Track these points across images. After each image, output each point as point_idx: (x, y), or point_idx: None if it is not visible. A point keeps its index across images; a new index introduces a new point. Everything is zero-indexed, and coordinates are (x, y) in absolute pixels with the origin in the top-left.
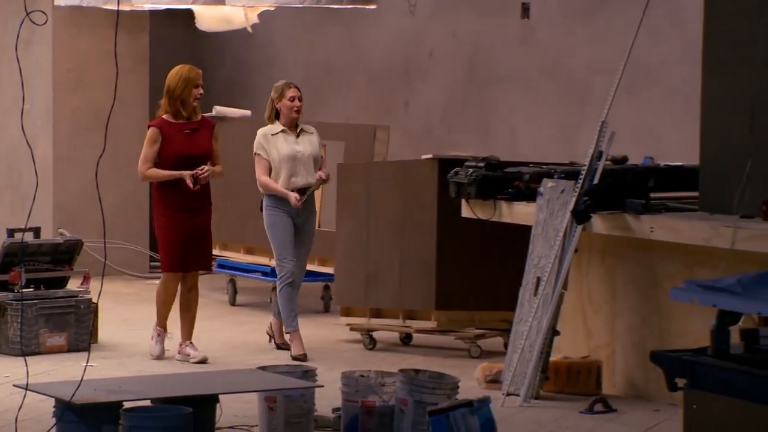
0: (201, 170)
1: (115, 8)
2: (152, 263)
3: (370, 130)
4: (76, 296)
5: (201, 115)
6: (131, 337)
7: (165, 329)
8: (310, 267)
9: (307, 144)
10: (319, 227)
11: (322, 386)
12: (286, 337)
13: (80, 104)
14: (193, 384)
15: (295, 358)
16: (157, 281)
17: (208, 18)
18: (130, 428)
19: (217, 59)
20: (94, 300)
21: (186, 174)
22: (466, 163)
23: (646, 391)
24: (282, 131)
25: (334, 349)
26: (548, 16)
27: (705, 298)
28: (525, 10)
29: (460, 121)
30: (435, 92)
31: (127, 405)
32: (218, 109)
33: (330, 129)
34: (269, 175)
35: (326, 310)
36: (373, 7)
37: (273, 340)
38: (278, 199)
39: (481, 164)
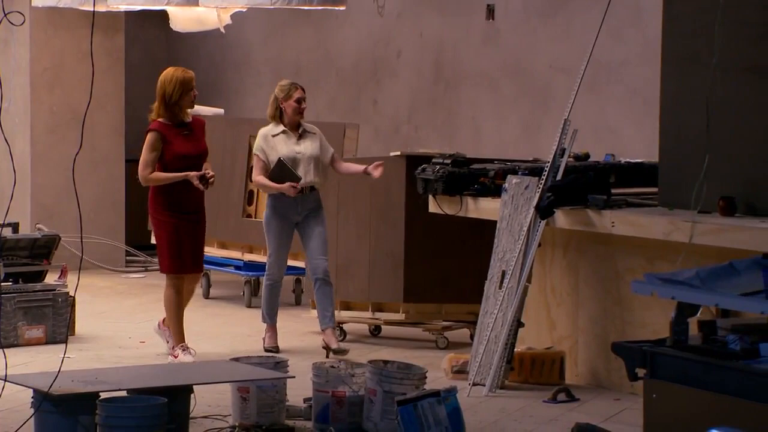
0: (207, 171)
1: (91, 9)
2: (128, 257)
3: (339, 128)
4: (54, 290)
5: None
6: (108, 329)
7: (184, 342)
8: None
9: (309, 145)
10: None
11: (294, 377)
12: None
13: (57, 102)
14: (168, 375)
15: (266, 350)
16: (134, 275)
17: (181, 19)
18: (107, 418)
19: (191, 59)
20: (71, 293)
21: (192, 175)
22: (433, 160)
23: (608, 380)
24: (283, 132)
25: (305, 341)
26: (512, 17)
27: (664, 290)
28: (489, 12)
29: (427, 119)
30: (403, 91)
31: (103, 395)
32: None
33: None
34: (265, 174)
35: (297, 303)
36: (342, 8)
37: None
38: (276, 199)
39: (448, 161)
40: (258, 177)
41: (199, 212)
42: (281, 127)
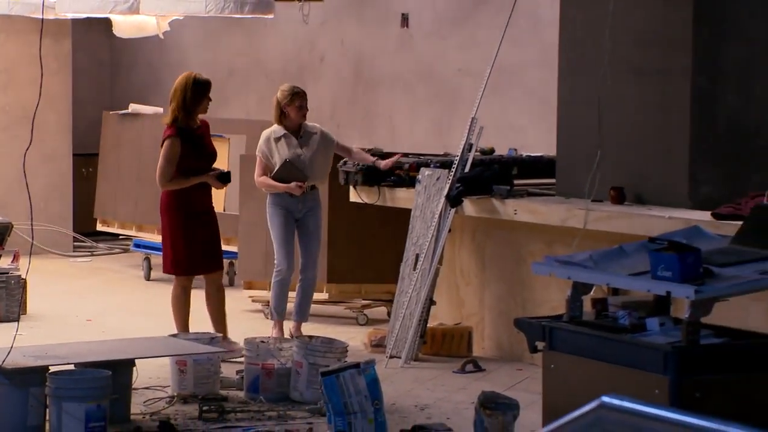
0: (223, 169)
1: (41, 16)
2: (75, 243)
3: (268, 125)
4: (7, 273)
5: None
6: (57, 309)
7: None
8: None
9: (310, 146)
10: (223, 211)
11: (226, 351)
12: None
13: (10, 102)
14: (112, 350)
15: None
16: (80, 259)
17: (124, 25)
18: (56, 389)
19: (132, 62)
20: (23, 276)
21: (211, 176)
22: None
23: (511, 353)
24: (284, 135)
25: (238, 319)
26: (424, 25)
27: (561, 271)
28: (404, 20)
29: (347, 117)
30: (325, 92)
31: (52, 369)
32: (133, 107)
33: (233, 124)
34: (266, 174)
35: (231, 284)
36: (270, 16)
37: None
38: (278, 197)
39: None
40: (261, 177)
41: (210, 212)
42: (283, 131)
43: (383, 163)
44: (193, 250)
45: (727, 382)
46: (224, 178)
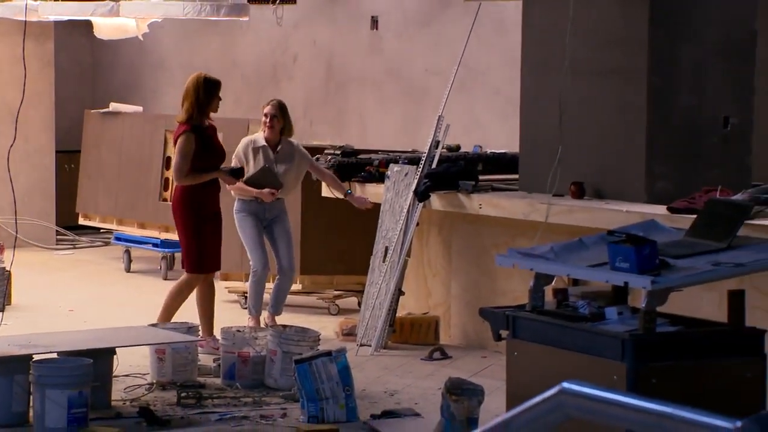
0: (233, 166)
1: (24, 19)
2: (58, 237)
3: (244, 123)
4: None
5: None
6: (40, 299)
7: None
8: None
9: (284, 162)
10: None
11: (204, 339)
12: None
13: None
14: (93, 339)
15: None
16: (63, 252)
17: (105, 27)
18: (39, 377)
19: (113, 63)
20: (8, 268)
21: (224, 171)
22: (326, 151)
23: (476, 341)
24: (262, 147)
25: (215, 309)
26: (393, 27)
27: (524, 263)
28: (374, 22)
29: (319, 115)
30: (298, 91)
31: (36, 357)
32: (114, 105)
33: None
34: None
35: None
36: (246, 19)
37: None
38: (245, 203)
39: (338, 152)
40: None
41: (218, 213)
42: (263, 142)
43: (355, 202)
44: (214, 250)
45: (682, 368)
46: (237, 174)
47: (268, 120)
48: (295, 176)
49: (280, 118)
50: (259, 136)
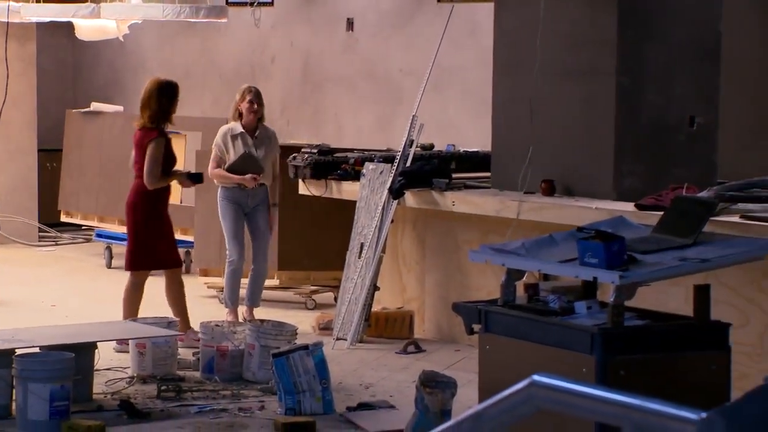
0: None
1: (6, 20)
2: (40, 233)
3: (223, 122)
4: None
5: None
6: (23, 294)
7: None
8: None
9: (263, 146)
10: (180, 203)
11: (183, 334)
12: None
13: None
14: (75, 333)
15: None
16: (45, 248)
17: (86, 29)
18: (22, 371)
19: (94, 64)
20: None
21: (183, 175)
22: (302, 150)
23: (450, 335)
24: (241, 134)
25: (194, 304)
26: (368, 28)
27: (496, 258)
28: (349, 24)
29: (296, 114)
30: (276, 91)
31: (19, 351)
32: (95, 105)
33: (189, 122)
34: (220, 167)
35: (187, 271)
36: (224, 20)
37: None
38: (229, 191)
39: (315, 150)
40: (216, 170)
41: (167, 214)
42: (240, 129)
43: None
44: (174, 245)
45: (649, 361)
46: (195, 178)
47: (252, 105)
48: (273, 161)
49: (261, 103)
50: (235, 124)
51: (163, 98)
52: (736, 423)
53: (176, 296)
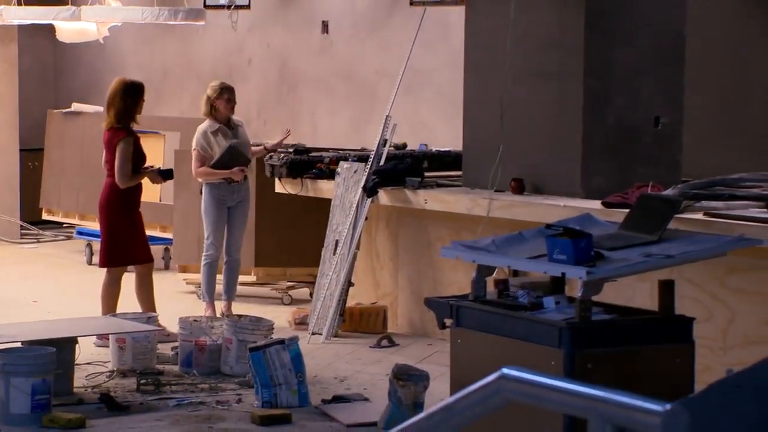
0: (158, 166)
1: None
2: (22, 231)
3: (200, 122)
4: None
5: None
6: (6, 291)
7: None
8: (152, 233)
9: (242, 135)
10: (159, 201)
11: (163, 328)
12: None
13: None
14: (57, 329)
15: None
16: (27, 246)
17: (66, 31)
18: (4, 365)
19: (75, 65)
20: None
21: (154, 171)
22: (279, 149)
23: (422, 329)
24: (219, 128)
25: (172, 299)
26: (343, 31)
27: (467, 255)
28: (325, 27)
29: (273, 115)
30: (253, 92)
31: (1, 346)
32: (76, 106)
33: (168, 122)
34: (205, 165)
35: (167, 267)
36: (202, 23)
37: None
38: (214, 188)
39: (291, 150)
40: (201, 168)
41: (139, 211)
42: (217, 124)
43: (270, 145)
44: (145, 240)
45: (615, 354)
46: (166, 174)
47: (230, 103)
48: (248, 150)
49: (235, 99)
50: (211, 122)
51: (128, 98)
52: (700, 414)
53: (146, 291)
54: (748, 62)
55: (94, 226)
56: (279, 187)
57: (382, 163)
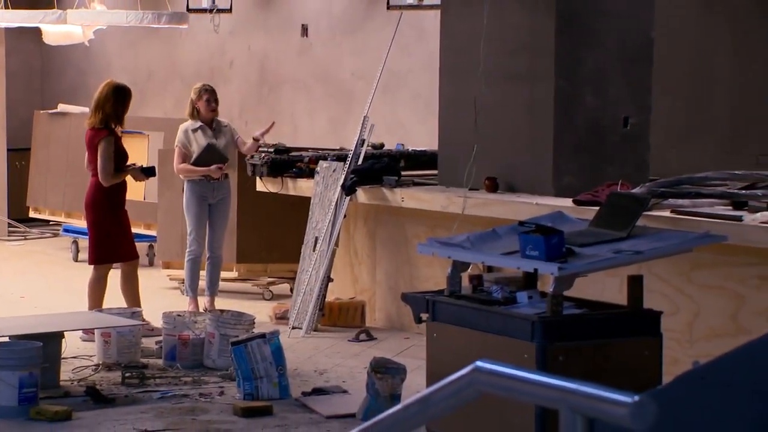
0: (142, 164)
1: None
2: (9, 228)
3: (183, 123)
4: None
5: None
6: None
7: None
8: (137, 231)
9: (222, 137)
10: (144, 199)
11: (147, 323)
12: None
13: None
14: (43, 323)
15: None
16: (14, 243)
17: (53, 34)
18: None
19: (61, 67)
20: None
21: (136, 169)
22: (260, 149)
23: (399, 323)
24: (200, 127)
25: (157, 295)
26: (321, 34)
27: (443, 251)
28: (304, 30)
29: (254, 116)
30: (234, 93)
31: None
32: (62, 107)
33: (152, 123)
34: (185, 162)
35: (151, 264)
36: (185, 26)
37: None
38: (195, 185)
39: (271, 149)
40: (181, 165)
41: (125, 209)
42: (199, 123)
43: (257, 134)
44: (120, 241)
45: (586, 347)
46: (148, 172)
47: (209, 103)
48: (232, 150)
49: (217, 100)
50: (193, 122)
51: (118, 102)
52: (667, 405)
53: (132, 288)
54: (714, 65)
55: (80, 223)
56: (260, 186)
57: (360, 162)
